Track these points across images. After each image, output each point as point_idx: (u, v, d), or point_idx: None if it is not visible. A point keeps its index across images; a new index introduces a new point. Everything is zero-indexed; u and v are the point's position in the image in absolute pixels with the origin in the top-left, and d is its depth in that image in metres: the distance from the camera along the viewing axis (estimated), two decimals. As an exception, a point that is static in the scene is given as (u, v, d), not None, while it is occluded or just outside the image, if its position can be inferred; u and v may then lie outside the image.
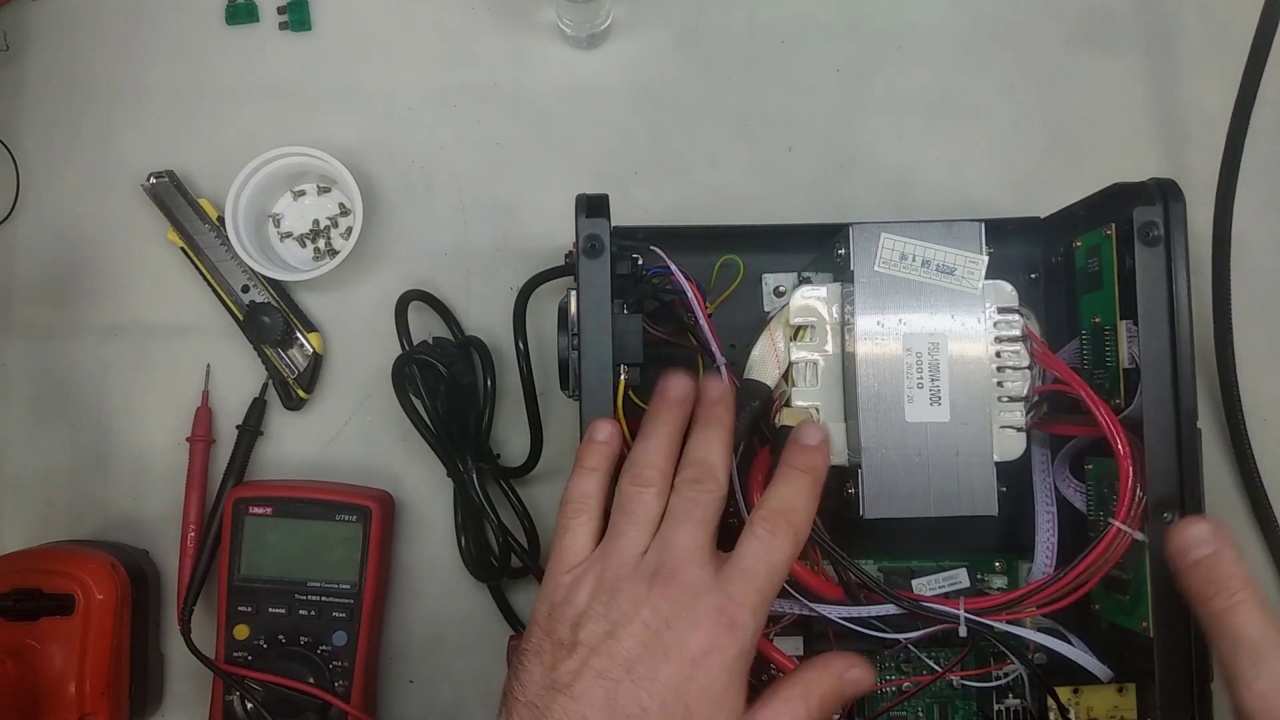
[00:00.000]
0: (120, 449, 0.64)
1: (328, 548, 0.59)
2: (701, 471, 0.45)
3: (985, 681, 0.53)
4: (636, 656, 0.41)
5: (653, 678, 0.41)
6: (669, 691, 0.41)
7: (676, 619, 0.42)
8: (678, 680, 0.41)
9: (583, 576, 0.44)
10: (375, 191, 0.65)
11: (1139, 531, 0.46)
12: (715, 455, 0.46)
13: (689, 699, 0.41)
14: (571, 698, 0.41)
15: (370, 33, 0.66)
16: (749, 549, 0.44)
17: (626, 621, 0.42)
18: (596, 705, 0.41)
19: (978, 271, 0.49)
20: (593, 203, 0.49)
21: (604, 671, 0.41)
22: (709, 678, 0.41)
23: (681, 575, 0.43)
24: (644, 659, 0.41)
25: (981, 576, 0.54)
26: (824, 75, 0.66)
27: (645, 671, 0.41)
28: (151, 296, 0.65)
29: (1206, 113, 0.64)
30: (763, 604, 0.43)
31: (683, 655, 0.41)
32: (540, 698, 0.42)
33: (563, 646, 0.43)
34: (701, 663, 0.41)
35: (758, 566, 0.43)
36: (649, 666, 0.41)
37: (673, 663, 0.41)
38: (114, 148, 0.66)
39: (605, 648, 0.42)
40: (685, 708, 0.41)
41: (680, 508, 0.45)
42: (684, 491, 0.45)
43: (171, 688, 0.63)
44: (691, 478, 0.45)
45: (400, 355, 0.59)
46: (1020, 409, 0.49)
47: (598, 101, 0.66)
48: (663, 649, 0.41)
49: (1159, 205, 0.48)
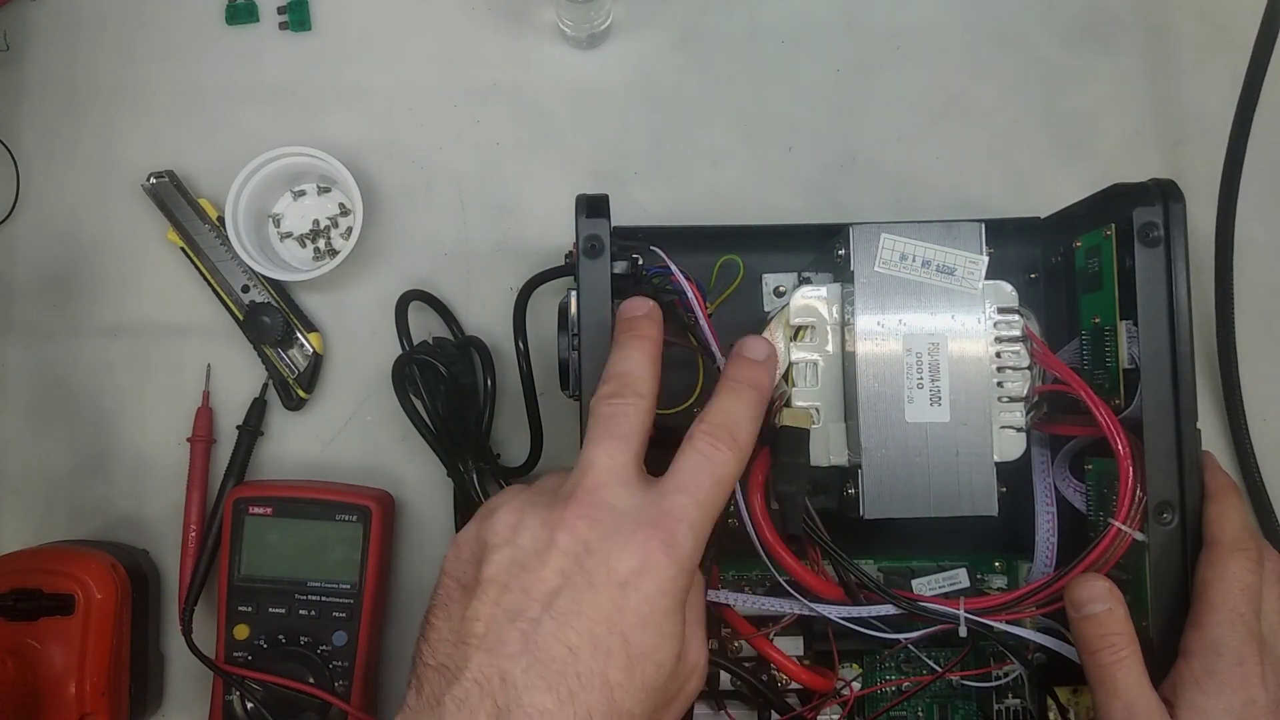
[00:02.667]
0: (120, 449, 0.64)
1: (328, 548, 0.59)
2: (620, 384, 0.41)
3: (985, 681, 0.53)
4: (555, 588, 0.36)
5: (577, 610, 0.35)
6: (599, 624, 0.35)
7: (599, 541, 0.37)
8: (608, 610, 0.36)
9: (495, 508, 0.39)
10: (375, 191, 0.65)
11: (1139, 532, 0.46)
12: (637, 367, 0.42)
13: (624, 629, 0.36)
14: (485, 650, 0.35)
15: (370, 33, 0.66)
16: (687, 462, 0.40)
17: (540, 550, 0.37)
18: (514, 654, 0.35)
19: (978, 272, 0.49)
20: (593, 203, 0.49)
21: (519, 611, 0.36)
22: (644, 603, 0.36)
23: (601, 493, 0.38)
24: (564, 590, 0.36)
25: (981, 576, 0.54)
26: (824, 75, 0.66)
27: (567, 605, 0.36)
28: (151, 296, 0.65)
29: (1206, 113, 0.64)
30: (703, 520, 0.39)
31: (610, 580, 0.36)
32: (451, 657, 0.36)
33: (468, 591, 0.37)
34: (633, 586, 0.36)
35: (698, 479, 0.39)
36: (571, 598, 0.36)
37: (599, 590, 0.36)
38: (114, 148, 0.66)
39: (518, 581, 0.36)
40: (622, 639, 0.36)
41: (597, 424, 0.41)
42: (600, 407, 0.41)
43: (171, 688, 0.63)
44: (609, 392, 0.41)
45: (400, 355, 0.59)
46: (1020, 409, 0.49)
47: (598, 101, 0.66)
48: (585, 576, 0.36)
49: (1159, 206, 0.48)
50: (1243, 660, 0.43)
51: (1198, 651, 0.44)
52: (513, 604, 0.36)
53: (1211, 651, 0.44)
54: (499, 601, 0.36)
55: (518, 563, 0.37)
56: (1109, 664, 0.44)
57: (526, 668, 0.35)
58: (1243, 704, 0.43)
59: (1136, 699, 0.43)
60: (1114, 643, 0.44)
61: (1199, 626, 0.44)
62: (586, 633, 0.35)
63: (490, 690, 0.34)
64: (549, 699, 0.34)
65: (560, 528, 0.37)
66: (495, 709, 0.34)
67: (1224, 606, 0.44)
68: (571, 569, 0.36)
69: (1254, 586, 0.45)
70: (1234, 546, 0.45)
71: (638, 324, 0.44)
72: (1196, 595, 0.45)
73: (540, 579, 0.36)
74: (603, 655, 0.35)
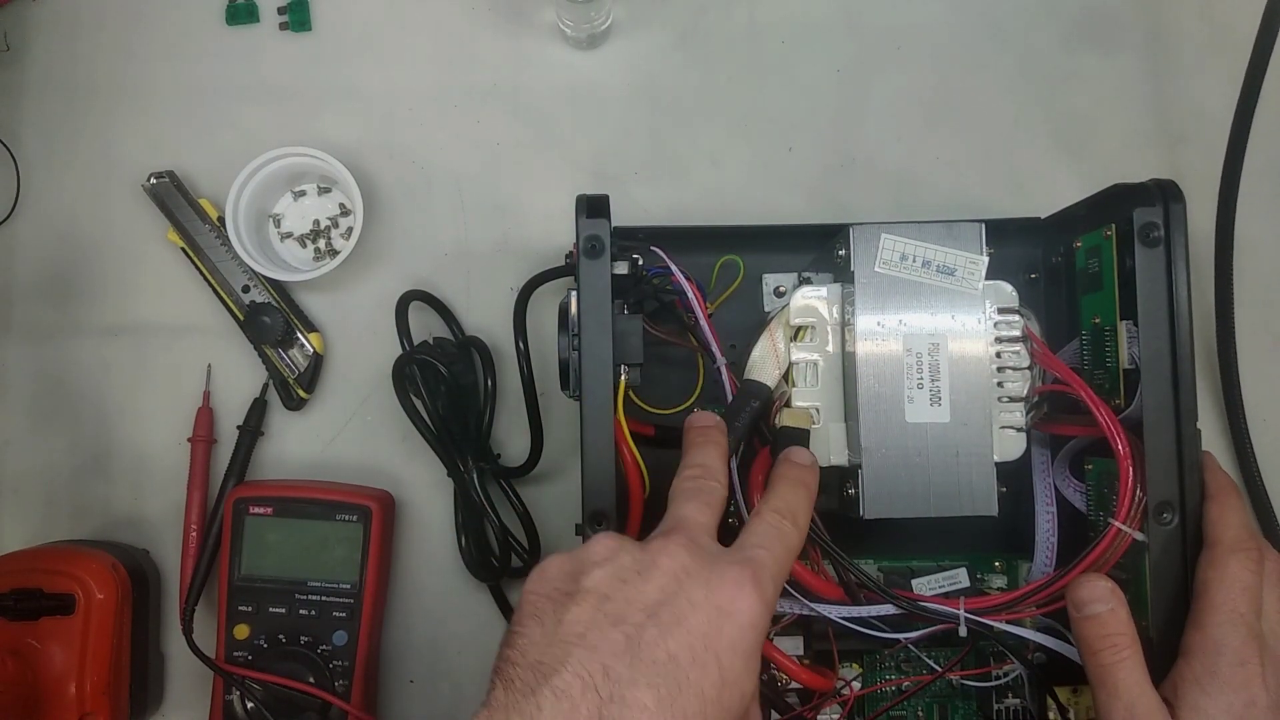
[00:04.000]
0: (121, 449, 0.64)
1: (328, 548, 0.59)
2: (702, 470, 0.45)
3: (985, 681, 0.53)
4: (658, 601, 0.37)
5: (678, 623, 0.36)
6: (698, 639, 0.36)
7: (698, 568, 0.38)
8: (705, 629, 0.37)
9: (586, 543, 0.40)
10: (375, 191, 0.65)
11: (1139, 532, 0.46)
12: (714, 460, 0.46)
13: (719, 651, 0.37)
14: (587, 648, 0.36)
15: (370, 33, 0.66)
16: (760, 527, 0.43)
17: (643, 568, 0.38)
18: (618, 652, 0.35)
19: (978, 272, 0.49)
20: (593, 203, 0.49)
21: (622, 617, 0.36)
22: (737, 631, 0.37)
23: (695, 535, 0.40)
24: (667, 604, 0.37)
25: (981, 576, 0.54)
26: (824, 75, 0.66)
27: (669, 616, 0.36)
28: (151, 296, 0.65)
29: (1206, 113, 0.64)
30: (779, 576, 0.41)
31: (708, 603, 0.37)
32: (547, 653, 0.36)
33: (568, 597, 0.38)
34: (729, 613, 0.37)
35: (773, 542, 0.42)
36: (672, 612, 0.37)
37: (699, 610, 0.37)
38: (114, 148, 0.66)
39: (620, 593, 0.37)
40: (716, 659, 0.36)
41: (684, 492, 0.44)
42: (685, 483, 0.44)
43: (171, 688, 0.63)
44: (692, 474, 0.45)
45: (400, 355, 0.59)
46: (1020, 409, 0.49)
47: (598, 101, 0.66)
48: (686, 596, 0.37)
49: (1159, 206, 0.48)
50: (1244, 661, 0.43)
51: (1198, 652, 0.44)
52: (615, 610, 0.37)
53: (1212, 652, 0.44)
54: (601, 608, 0.37)
55: (619, 577, 0.38)
56: (1110, 664, 0.44)
57: (630, 665, 0.35)
58: (1244, 704, 0.43)
59: (1138, 699, 0.43)
60: (1115, 643, 0.44)
61: (1200, 627, 0.45)
62: (686, 645, 0.36)
63: (592, 683, 0.35)
64: (650, 696, 0.35)
65: (662, 553, 0.39)
66: (598, 700, 0.34)
67: (1225, 607, 0.44)
68: (673, 587, 0.38)
69: (1254, 587, 0.45)
70: (1234, 546, 0.45)
71: (709, 432, 0.47)
72: (1197, 595, 0.45)
73: (643, 592, 0.37)
74: (700, 668, 0.36)
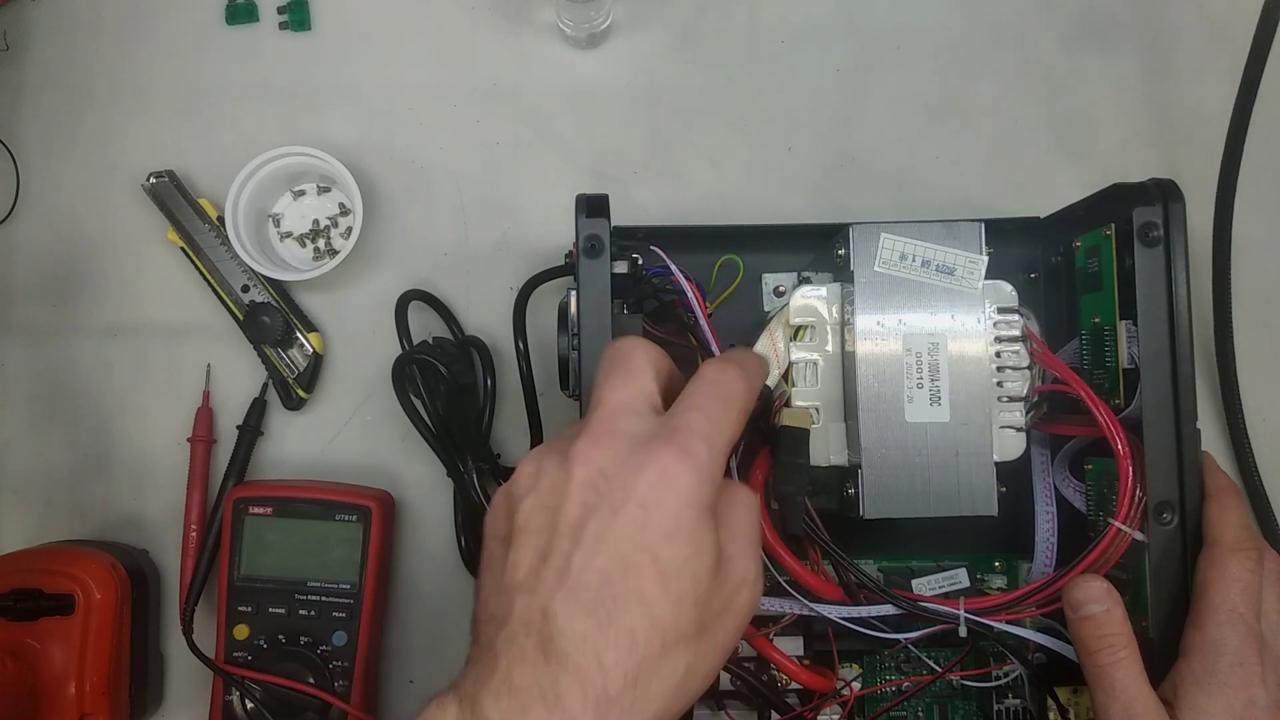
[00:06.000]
0: (120, 449, 0.64)
1: (328, 548, 0.59)
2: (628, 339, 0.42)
3: (985, 681, 0.53)
4: (579, 520, 0.36)
5: (602, 536, 0.36)
6: (626, 545, 0.36)
7: (615, 466, 0.37)
8: (632, 530, 0.36)
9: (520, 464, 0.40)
10: (375, 191, 0.65)
11: (1139, 532, 0.46)
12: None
13: (651, 546, 0.36)
14: (526, 591, 0.36)
15: (370, 33, 0.66)
16: (693, 386, 0.40)
17: (559, 488, 0.37)
18: (552, 589, 0.35)
19: (978, 271, 0.49)
20: (593, 203, 0.49)
21: (550, 549, 0.36)
22: (668, 517, 0.36)
23: (613, 423, 0.38)
24: (588, 520, 0.36)
25: (981, 576, 0.54)
26: (824, 75, 0.66)
27: (593, 533, 0.36)
28: (151, 296, 0.65)
29: (1206, 113, 0.64)
30: (717, 435, 0.38)
31: (630, 500, 0.36)
32: (498, 605, 0.37)
33: (507, 541, 0.38)
34: (654, 502, 0.36)
35: (707, 399, 0.39)
36: (596, 526, 0.36)
37: (621, 513, 0.36)
38: (114, 148, 0.66)
39: (544, 524, 0.37)
40: (651, 556, 0.36)
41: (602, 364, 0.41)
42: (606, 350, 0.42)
43: (171, 688, 0.63)
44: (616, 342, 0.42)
45: (400, 355, 0.59)
46: (1020, 409, 0.49)
47: (598, 101, 0.66)
48: (607, 503, 0.36)
49: (1159, 205, 0.48)
50: (1243, 660, 0.43)
51: (1198, 651, 0.44)
52: (544, 544, 0.37)
53: (1212, 652, 0.44)
54: (533, 546, 0.37)
55: (542, 505, 0.37)
56: (1107, 665, 0.44)
57: (564, 599, 0.35)
58: (1243, 704, 0.43)
59: (1135, 699, 0.44)
60: (1112, 643, 0.44)
61: (1199, 626, 0.45)
62: (615, 556, 0.36)
63: (534, 626, 0.35)
64: (589, 624, 0.35)
65: (576, 462, 0.37)
66: (540, 642, 0.35)
67: (1224, 606, 0.44)
68: (592, 499, 0.37)
69: (1254, 586, 0.45)
70: (1234, 546, 0.45)
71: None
72: (1197, 595, 0.45)
73: (564, 515, 0.37)
74: (635, 575, 0.36)
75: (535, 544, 0.37)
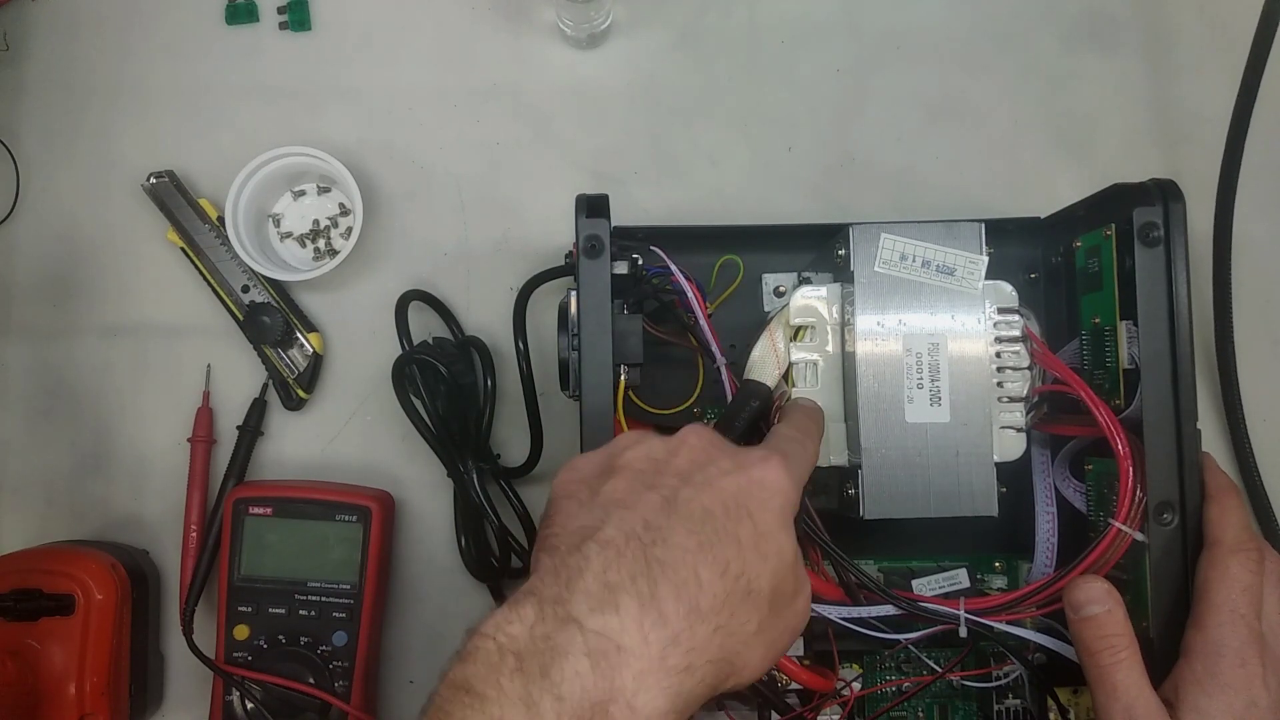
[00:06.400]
0: (120, 449, 0.64)
1: (328, 548, 0.59)
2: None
3: (985, 682, 0.53)
4: (689, 469, 0.38)
5: (709, 483, 0.38)
6: (730, 497, 0.37)
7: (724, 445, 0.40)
8: (735, 489, 0.38)
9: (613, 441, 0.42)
10: (375, 191, 0.65)
11: (1139, 532, 0.46)
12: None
13: (751, 508, 0.38)
14: (626, 508, 0.37)
15: (370, 33, 0.66)
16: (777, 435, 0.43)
17: (671, 448, 0.39)
18: (655, 509, 0.37)
19: (978, 272, 0.49)
20: (593, 203, 0.49)
21: (656, 483, 0.38)
22: (768, 494, 0.38)
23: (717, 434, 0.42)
24: (697, 471, 0.38)
25: (981, 576, 0.54)
26: (824, 75, 0.66)
27: (702, 479, 0.38)
28: (151, 296, 0.65)
29: (1206, 113, 0.64)
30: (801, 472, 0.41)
31: (737, 469, 0.38)
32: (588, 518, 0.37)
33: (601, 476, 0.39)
34: (758, 479, 0.38)
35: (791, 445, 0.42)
36: (705, 476, 0.38)
37: (728, 475, 0.38)
38: (114, 148, 0.66)
39: (653, 467, 0.39)
40: (749, 514, 0.38)
41: None
42: None
43: (171, 688, 0.63)
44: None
45: (400, 355, 0.59)
46: (1020, 409, 0.49)
47: (598, 101, 0.66)
48: (715, 464, 0.38)
49: (1159, 206, 0.48)
50: (1244, 661, 0.43)
51: (1199, 652, 0.44)
52: (649, 479, 0.38)
53: (1213, 652, 0.44)
54: (636, 478, 0.38)
55: (650, 455, 0.39)
56: (1108, 665, 0.44)
57: (668, 516, 0.36)
58: (1244, 705, 0.43)
59: (1136, 700, 0.44)
60: (1113, 644, 0.44)
61: (1200, 627, 0.45)
62: (719, 500, 0.37)
63: (634, 533, 0.36)
64: (691, 540, 0.36)
65: (689, 433, 0.40)
66: (640, 546, 0.36)
67: (1225, 607, 0.44)
68: (702, 459, 0.39)
69: (1255, 587, 0.45)
70: (1235, 547, 0.45)
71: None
72: (1197, 596, 0.45)
73: (673, 464, 0.39)
74: (734, 520, 0.37)
75: (639, 478, 0.38)
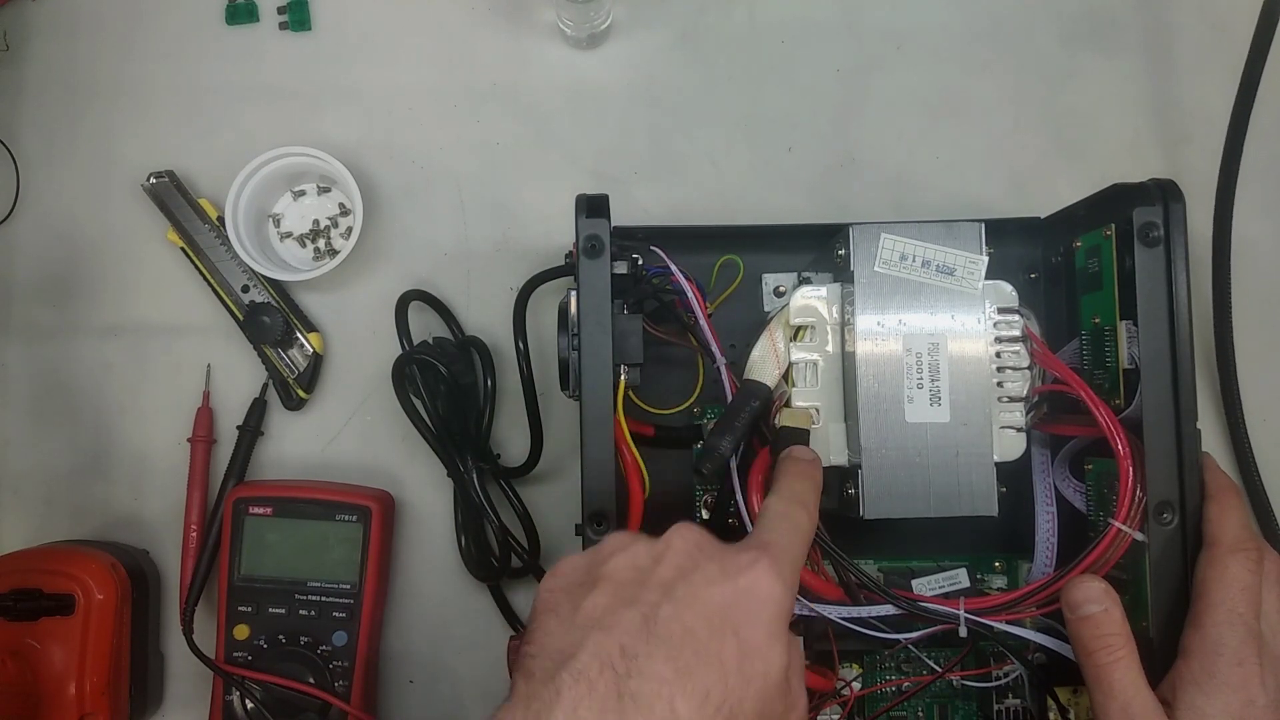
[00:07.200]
0: (120, 449, 0.64)
1: (328, 548, 0.59)
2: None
3: (985, 682, 0.53)
4: (673, 580, 0.37)
5: (694, 597, 0.36)
6: (714, 612, 0.36)
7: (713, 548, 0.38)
8: (722, 603, 0.36)
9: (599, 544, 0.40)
10: (375, 191, 0.65)
11: (1139, 532, 0.46)
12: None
13: (738, 624, 0.36)
14: (603, 629, 0.35)
15: (370, 33, 0.66)
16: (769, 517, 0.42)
17: (656, 554, 0.38)
18: (633, 631, 0.35)
19: (978, 272, 0.49)
20: (593, 203, 0.49)
21: (637, 597, 0.36)
22: (757, 605, 0.37)
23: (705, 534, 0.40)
24: (682, 581, 0.37)
25: (981, 576, 0.54)
26: (824, 75, 0.66)
27: (685, 593, 0.36)
28: (151, 296, 0.65)
29: (1206, 113, 0.64)
30: (794, 561, 0.40)
31: (724, 577, 0.37)
32: (565, 640, 0.36)
33: (583, 588, 0.37)
34: (746, 588, 0.37)
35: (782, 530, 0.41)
36: (689, 588, 0.36)
37: (715, 585, 0.37)
38: (114, 148, 0.66)
39: (635, 578, 0.37)
40: (735, 631, 0.36)
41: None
42: None
43: (171, 688, 0.63)
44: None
45: (400, 355, 0.59)
46: (1020, 409, 0.49)
47: (598, 101, 0.66)
48: (701, 573, 0.37)
49: (1159, 206, 0.48)
50: (1242, 661, 0.43)
51: (1197, 651, 0.44)
52: (630, 593, 0.37)
53: (1211, 652, 0.44)
54: (617, 593, 0.37)
55: (634, 564, 0.38)
56: (1105, 664, 0.44)
57: (647, 641, 0.35)
58: (1242, 704, 0.43)
59: (1133, 699, 0.44)
60: (1110, 643, 0.44)
61: (1198, 626, 0.45)
62: (703, 618, 0.36)
63: (609, 661, 0.34)
64: (668, 668, 0.35)
65: (675, 535, 0.38)
66: (614, 677, 0.34)
67: (1224, 606, 0.44)
68: (688, 566, 0.37)
69: (1254, 587, 0.45)
70: (1234, 546, 0.45)
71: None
72: (1196, 595, 0.45)
73: (657, 574, 0.37)
74: (718, 639, 0.36)
75: (620, 591, 0.37)
